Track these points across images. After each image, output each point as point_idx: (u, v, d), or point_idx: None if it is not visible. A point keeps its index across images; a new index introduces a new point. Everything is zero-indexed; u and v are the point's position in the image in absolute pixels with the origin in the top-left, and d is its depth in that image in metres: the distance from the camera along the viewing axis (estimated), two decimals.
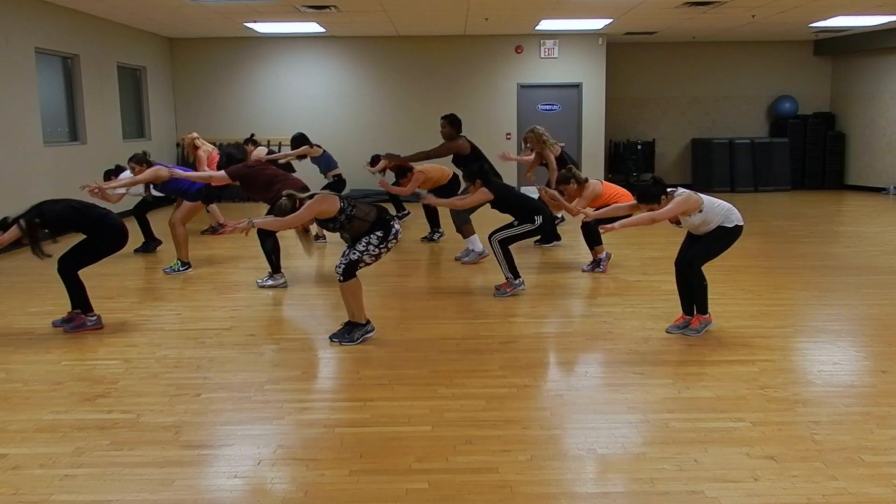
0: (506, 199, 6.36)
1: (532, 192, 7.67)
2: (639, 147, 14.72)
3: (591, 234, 7.02)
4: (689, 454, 3.32)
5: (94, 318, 5.38)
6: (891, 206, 12.34)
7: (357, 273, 4.92)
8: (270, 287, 6.64)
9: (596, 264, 7.12)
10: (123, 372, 4.52)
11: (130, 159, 7.47)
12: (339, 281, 4.94)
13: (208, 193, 7.65)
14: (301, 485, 3.11)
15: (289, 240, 6.89)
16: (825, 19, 11.80)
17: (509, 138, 13.87)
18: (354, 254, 4.87)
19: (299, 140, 9.57)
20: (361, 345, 4.99)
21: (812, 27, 12.73)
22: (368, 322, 5.06)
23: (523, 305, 6.02)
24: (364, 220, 4.87)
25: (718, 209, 4.93)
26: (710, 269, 6.77)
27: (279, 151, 13.70)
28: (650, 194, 4.94)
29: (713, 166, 14.49)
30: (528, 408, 3.92)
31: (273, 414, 3.86)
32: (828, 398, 4.06)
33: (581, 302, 6.20)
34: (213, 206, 9.80)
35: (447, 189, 8.69)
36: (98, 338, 5.22)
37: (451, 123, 7.92)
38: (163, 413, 3.86)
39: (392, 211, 9.61)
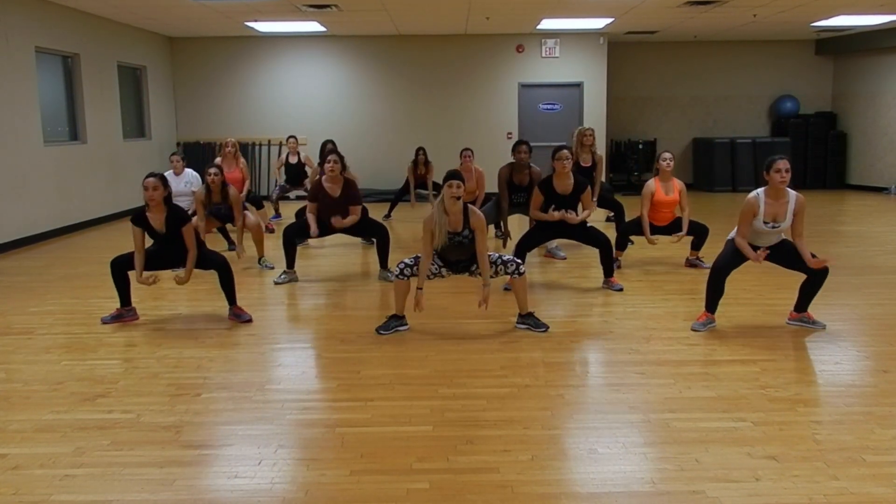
0: None
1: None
2: (640, 146, 14.71)
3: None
4: (690, 454, 3.31)
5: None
6: (892, 206, 12.32)
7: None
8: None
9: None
10: (123, 372, 4.52)
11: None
12: (521, 274, 5.23)
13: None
14: (301, 485, 3.10)
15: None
16: (826, 18, 11.79)
17: (510, 137, 13.85)
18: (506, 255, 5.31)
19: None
20: (361, 344, 5.00)
21: (813, 26, 12.72)
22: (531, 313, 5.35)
23: None
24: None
25: None
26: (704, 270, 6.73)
27: (280, 154, 13.75)
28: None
29: (714, 166, 14.48)
30: (529, 408, 3.91)
31: (273, 414, 3.85)
32: (829, 398, 4.05)
33: (582, 302, 6.19)
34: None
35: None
36: (98, 338, 5.21)
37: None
38: (163, 413, 3.85)
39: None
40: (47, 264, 7.98)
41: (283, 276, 6.88)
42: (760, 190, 5.07)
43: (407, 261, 5.21)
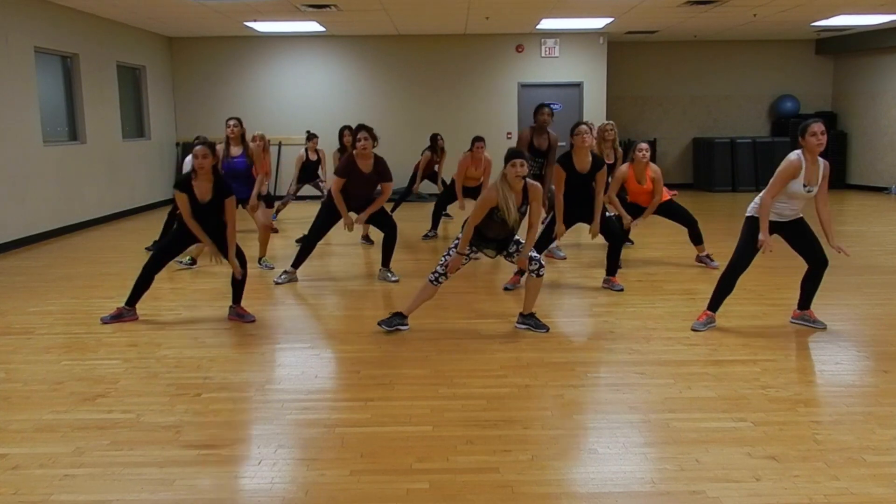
0: None
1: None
2: None
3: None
4: (690, 454, 3.31)
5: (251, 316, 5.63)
6: (893, 206, 12.32)
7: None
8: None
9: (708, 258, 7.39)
10: (123, 372, 4.51)
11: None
12: (539, 276, 5.18)
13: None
14: (301, 485, 3.10)
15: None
16: (827, 18, 11.79)
17: (510, 137, 13.85)
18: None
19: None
20: (361, 344, 5.00)
21: (813, 26, 12.72)
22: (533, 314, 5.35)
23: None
24: None
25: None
26: (712, 269, 6.76)
27: (280, 151, 13.75)
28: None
29: (715, 165, 14.48)
30: (528, 407, 3.91)
31: (273, 414, 3.85)
32: (829, 398, 4.05)
33: (581, 302, 6.19)
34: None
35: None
36: (98, 338, 5.21)
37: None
38: (163, 413, 3.85)
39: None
40: (47, 264, 7.98)
41: (283, 276, 6.87)
42: (799, 151, 5.02)
43: (440, 269, 5.18)
